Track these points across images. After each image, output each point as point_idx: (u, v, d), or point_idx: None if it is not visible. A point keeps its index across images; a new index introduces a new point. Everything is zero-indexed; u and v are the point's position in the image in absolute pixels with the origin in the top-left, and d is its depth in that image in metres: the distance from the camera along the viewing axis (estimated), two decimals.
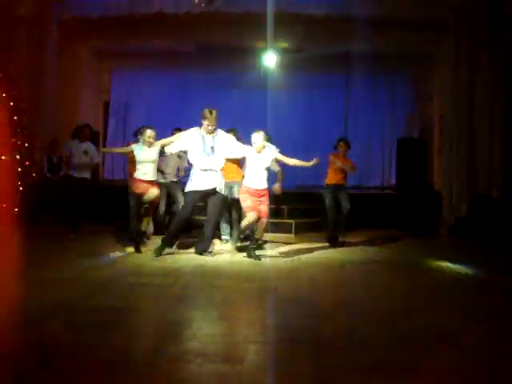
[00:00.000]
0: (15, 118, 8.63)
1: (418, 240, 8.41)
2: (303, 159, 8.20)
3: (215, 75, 12.63)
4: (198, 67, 12.61)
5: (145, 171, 6.47)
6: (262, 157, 6.35)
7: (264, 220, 6.37)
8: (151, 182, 6.53)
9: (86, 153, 7.77)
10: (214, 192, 6.38)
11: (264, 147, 6.37)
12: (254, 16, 9.26)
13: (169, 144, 6.51)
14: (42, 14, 9.59)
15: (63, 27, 9.94)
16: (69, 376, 2.86)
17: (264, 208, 6.34)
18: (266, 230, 6.79)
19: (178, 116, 12.06)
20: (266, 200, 6.38)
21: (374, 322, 3.98)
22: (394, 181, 11.59)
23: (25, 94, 9.21)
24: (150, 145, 6.44)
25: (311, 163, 6.56)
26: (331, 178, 7.59)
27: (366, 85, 12.67)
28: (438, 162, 10.71)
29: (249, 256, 6.36)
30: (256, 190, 6.32)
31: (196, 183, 6.33)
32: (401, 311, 4.28)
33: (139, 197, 6.52)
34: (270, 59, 11.43)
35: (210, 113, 6.27)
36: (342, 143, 7.73)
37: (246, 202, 6.33)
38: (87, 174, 7.85)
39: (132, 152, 6.61)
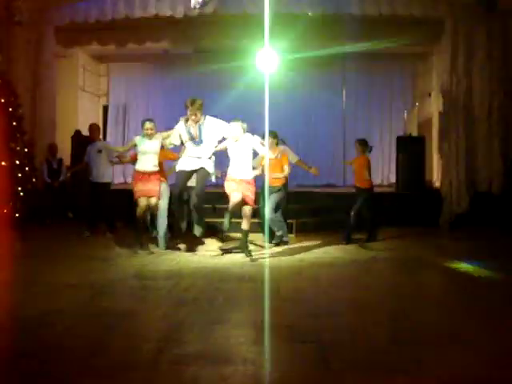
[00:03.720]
0: (14, 123, 8.63)
1: (419, 237, 8.40)
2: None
3: (213, 77, 12.62)
4: (196, 69, 12.61)
5: (145, 161, 6.51)
6: (240, 145, 6.34)
7: (248, 208, 6.34)
8: (151, 173, 6.53)
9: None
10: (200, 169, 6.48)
11: (241, 134, 6.35)
12: (251, 17, 9.27)
13: (167, 137, 6.62)
14: (39, 20, 9.60)
15: (60, 32, 9.96)
16: (70, 381, 2.87)
17: (250, 196, 6.35)
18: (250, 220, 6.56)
19: (176, 119, 12.05)
20: (251, 188, 6.37)
21: (376, 321, 3.99)
22: (393, 179, 11.56)
23: (23, 99, 9.21)
24: (151, 136, 6.48)
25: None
26: (370, 182, 7.58)
27: (363, 83, 12.67)
28: (438, 159, 10.71)
29: (242, 251, 6.45)
30: (240, 180, 6.31)
31: (184, 164, 6.50)
32: (402, 310, 4.28)
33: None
34: (267, 60, 11.44)
35: (192, 103, 6.31)
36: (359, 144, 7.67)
37: (229, 188, 6.33)
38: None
39: (135, 146, 6.68)
